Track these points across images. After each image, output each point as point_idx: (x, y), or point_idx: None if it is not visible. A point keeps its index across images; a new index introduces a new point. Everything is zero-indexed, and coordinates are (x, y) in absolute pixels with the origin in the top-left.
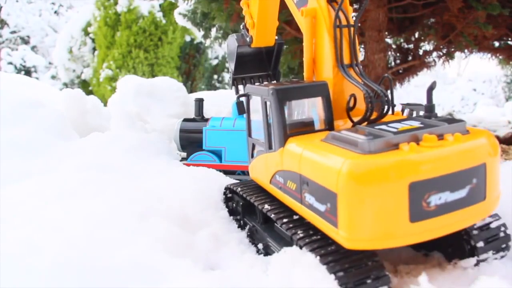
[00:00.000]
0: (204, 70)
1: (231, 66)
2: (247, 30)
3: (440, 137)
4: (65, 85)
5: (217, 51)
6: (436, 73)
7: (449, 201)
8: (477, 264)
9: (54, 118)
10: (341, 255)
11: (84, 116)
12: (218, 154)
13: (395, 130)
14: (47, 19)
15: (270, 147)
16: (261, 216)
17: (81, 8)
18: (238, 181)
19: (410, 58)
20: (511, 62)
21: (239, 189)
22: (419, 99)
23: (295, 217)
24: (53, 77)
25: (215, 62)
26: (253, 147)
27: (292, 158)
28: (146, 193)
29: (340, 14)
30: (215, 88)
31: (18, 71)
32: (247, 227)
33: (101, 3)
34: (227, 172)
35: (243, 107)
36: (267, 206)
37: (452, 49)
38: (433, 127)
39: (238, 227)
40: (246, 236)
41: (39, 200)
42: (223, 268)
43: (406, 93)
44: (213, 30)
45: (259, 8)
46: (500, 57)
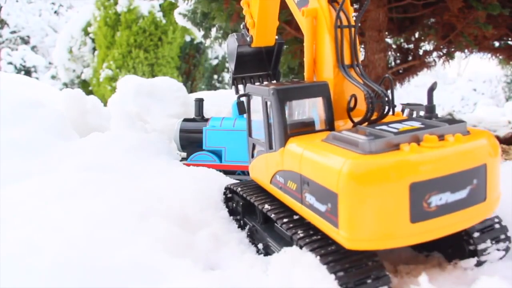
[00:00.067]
0: (204, 70)
1: (231, 66)
2: (247, 30)
3: (440, 137)
4: (65, 85)
5: (217, 51)
6: (436, 73)
7: (450, 202)
8: (477, 265)
9: (54, 118)
10: (341, 255)
11: (84, 116)
12: (218, 154)
13: (395, 130)
14: (47, 19)
15: (271, 147)
16: (261, 216)
17: (81, 8)
18: (238, 181)
19: (410, 58)
20: (511, 62)
21: (239, 189)
22: (419, 99)
23: (295, 217)
24: (53, 77)
25: (215, 62)
26: (254, 147)
27: (292, 158)
28: (146, 193)
29: (341, 14)
30: (215, 88)
31: (18, 71)
32: (247, 227)
33: (101, 3)
34: (227, 172)
35: (243, 107)
36: (267, 206)
37: (452, 49)
38: (434, 127)
39: (238, 227)
40: (246, 236)
41: (39, 200)
42: (223, 268)
43: (406, 93)
44: (213, 30)
45: (260, 7)
46: (500, 57)
